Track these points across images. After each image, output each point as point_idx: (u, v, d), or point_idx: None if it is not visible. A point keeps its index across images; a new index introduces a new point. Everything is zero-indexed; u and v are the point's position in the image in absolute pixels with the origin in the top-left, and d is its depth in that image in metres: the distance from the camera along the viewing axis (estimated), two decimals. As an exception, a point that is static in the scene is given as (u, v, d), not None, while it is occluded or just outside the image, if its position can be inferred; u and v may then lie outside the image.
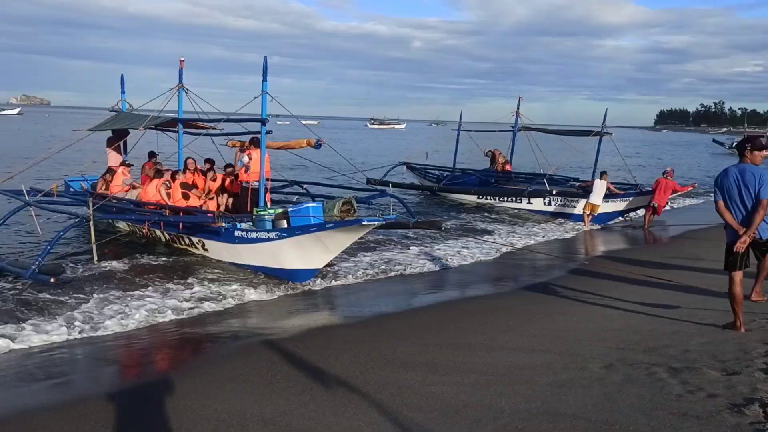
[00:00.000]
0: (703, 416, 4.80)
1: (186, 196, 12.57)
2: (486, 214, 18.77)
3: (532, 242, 14.83)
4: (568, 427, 4.84)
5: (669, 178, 17.66)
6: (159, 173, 13.24)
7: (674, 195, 18.76)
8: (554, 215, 18.66)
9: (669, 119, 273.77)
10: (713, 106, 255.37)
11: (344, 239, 10.41)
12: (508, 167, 21.87)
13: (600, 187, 17.51)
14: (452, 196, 21.23)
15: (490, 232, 15.72)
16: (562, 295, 9.60)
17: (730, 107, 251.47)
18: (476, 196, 20.42)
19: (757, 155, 6.84)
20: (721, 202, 6.98)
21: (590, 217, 17.58)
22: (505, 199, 19.76)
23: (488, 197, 20.18)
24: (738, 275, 6.91)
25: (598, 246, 14.27)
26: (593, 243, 14.78)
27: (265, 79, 11.01)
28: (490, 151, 22.53)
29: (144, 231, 12.65)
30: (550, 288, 10.09)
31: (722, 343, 6.54)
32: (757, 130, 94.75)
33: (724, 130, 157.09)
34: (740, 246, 6.73)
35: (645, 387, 5.47)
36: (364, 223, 10.12)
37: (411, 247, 13.49)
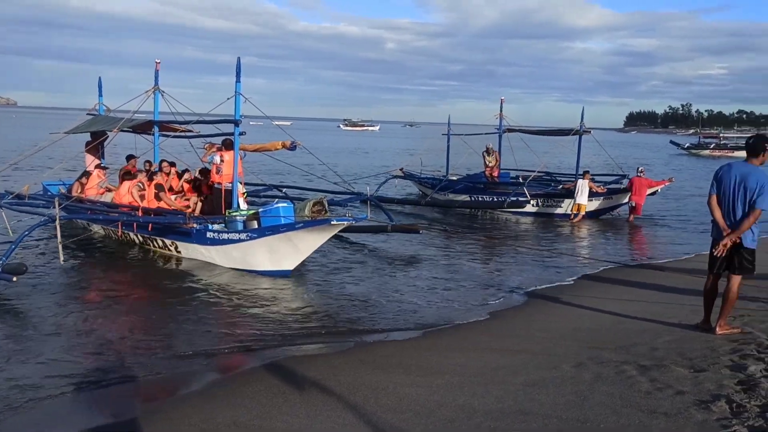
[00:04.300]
0: (671, 413, 4.89)
1: (158, 198, 12.39)
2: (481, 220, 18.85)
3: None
4: (540, 425, 4.89)
5: (641, 175, 18.13)
6: (129, 175, 13.04)
7: (651, 191, 19.07)
8: (538, 215, 18.95)
9: (638, 121, 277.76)
10: (681, 108, 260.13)
11: (314, 239, 10.36)
12: (495, 172, 21.85)
13: (583, 186, 17.96)
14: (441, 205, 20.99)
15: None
16: (534, 295, 9.69)
17: (697, 109, 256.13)
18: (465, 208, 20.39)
19: None
20: (714, 197, 6.66)
21: (579, 217, 17.93)
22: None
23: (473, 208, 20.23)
24: (713, 276, 6.81)
25: (570, 246, 14.41)
26: (568, 242, 14.92)
27: (238, 80, 10.92)
28: (492, 149, 22.20)
29: (118, 234, 12.45)
30: (522, 289, 10.17)
31: (690, 341, 6.66)
32: (721, 131, 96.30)
33: (692, 131, 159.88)
34: (721, 249, 6.51)
35: (615, 385, 5.56)
36: (333, 222, 10.11)
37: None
